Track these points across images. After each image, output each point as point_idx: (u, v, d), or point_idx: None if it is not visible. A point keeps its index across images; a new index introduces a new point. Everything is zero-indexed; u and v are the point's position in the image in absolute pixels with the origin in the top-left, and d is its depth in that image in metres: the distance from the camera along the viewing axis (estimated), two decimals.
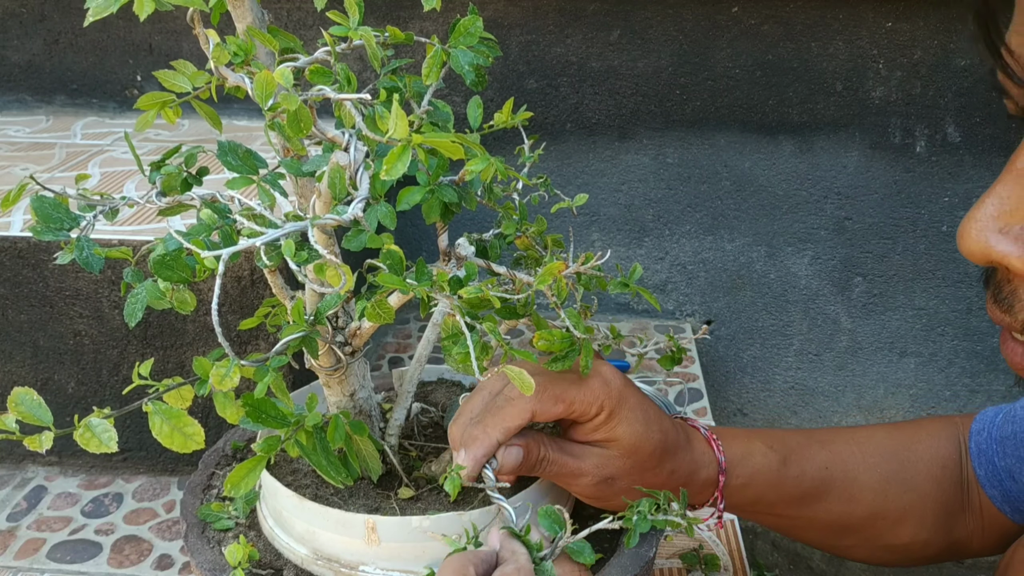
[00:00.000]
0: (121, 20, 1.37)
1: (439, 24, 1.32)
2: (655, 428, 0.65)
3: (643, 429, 0.64)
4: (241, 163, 0.55)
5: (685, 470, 0.67)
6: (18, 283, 0.94)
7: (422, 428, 0.76)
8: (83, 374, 0.97)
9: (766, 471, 0.71)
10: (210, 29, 0.52)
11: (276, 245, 0.49)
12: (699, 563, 0.85)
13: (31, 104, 1.43)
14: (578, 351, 0.60)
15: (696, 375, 1.24)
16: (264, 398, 0.54)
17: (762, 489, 0.71)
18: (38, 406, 0.50)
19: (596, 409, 0.63)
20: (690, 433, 0.69)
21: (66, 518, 0.94)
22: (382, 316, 0.54)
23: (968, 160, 1.34)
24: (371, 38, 0.55)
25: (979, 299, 1.41)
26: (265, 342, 0.93)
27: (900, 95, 1.31)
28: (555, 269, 0.57)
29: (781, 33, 1.29)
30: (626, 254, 1.43)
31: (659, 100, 1.34)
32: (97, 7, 0.48)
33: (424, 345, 0.71)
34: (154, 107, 0.55)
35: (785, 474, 0.71)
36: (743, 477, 0.69)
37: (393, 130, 0.46)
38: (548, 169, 1.38)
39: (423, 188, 0.56)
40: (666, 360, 0.66)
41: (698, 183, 1.38)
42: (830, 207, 1.38)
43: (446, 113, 0.61)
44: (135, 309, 0.57)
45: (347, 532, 0.63)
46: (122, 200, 0.58)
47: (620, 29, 1.31)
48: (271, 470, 0.69)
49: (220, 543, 0.69)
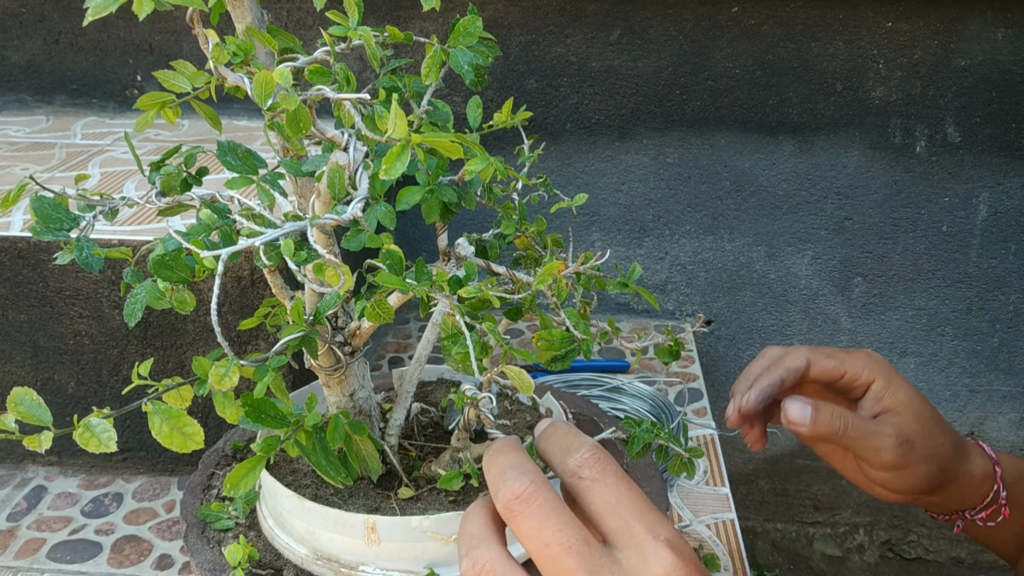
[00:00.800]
0: (121, 20, 1.37)
1: (439, 24, 1.32)
2: (924, 398, 0.68)
3: (918, 396, 0.67)
4: (241, 163, 0.55)
5: (962, 448, 0.69)
6: (18, 283, 0.94)
7: (422, 428, 0.76)
8: (83, 374, 0.97)
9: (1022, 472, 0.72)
10: (210, 29, 0.52)
11: (275, 245, 0.49)
12: None
13: (31, 104, 1.43)
14: (578, 351, 0.60)
15: (696, 375, 1.24)
16: (264, 398, 0.54)
17: (1019, 491, 0.72)
18: (38, 406, 0.50)
19: (869, 374, 0.66)
20: (954, 430, 0.71)
21: (66, 518, 0.94)
22: (382, 316, 0.54)
23: (968, 160, 1.34)
24: (370, 38, 0.55)
25: (979, 299, 1.41)
26: (265, 342, 0.93)
27: (900, 95, 1.31)
28: (555, 269, 0.57)
29: (781, 33, 1.29)
30: (626, 254, 1.43)
31: (659, 100, 1.34)
32: (96, 7, 0.48)
33: (424, 345, 0.71)
34: (154, 107, 0.55)
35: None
36: (1012, 474, 0.71)
37: (392, 130, 0.46)
38: (548, 169, 1.38)
39: (423, 188, 0.56)
40: (664, 352, 0.66)
41: (698, 183, 1.38)
42: (830, 207, 1.38)
43: (446, 113, 0.61)
44: (135, 309, 0.57)
45: (347, 532, 0.63)
46: (122, 200, 0.58)
47: (620, 29, 1.31)
48: (271, 470, 0.69)
49: (220, 543, 0.69)
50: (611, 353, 1.25)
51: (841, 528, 1.60)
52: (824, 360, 0.67)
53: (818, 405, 0.64)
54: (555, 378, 1.13)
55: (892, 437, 0.65)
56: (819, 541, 1.61)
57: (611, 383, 1.13)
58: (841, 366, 0.67)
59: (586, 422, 0.82)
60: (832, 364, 0.67)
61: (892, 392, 0.66)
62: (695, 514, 0.93)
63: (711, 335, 1.47)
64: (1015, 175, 1.34)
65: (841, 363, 0.67)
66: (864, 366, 0.67)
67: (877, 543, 1.60)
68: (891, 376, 0.67)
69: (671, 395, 1.18)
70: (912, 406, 0.66)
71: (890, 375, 0.67)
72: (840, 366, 0.67)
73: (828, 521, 1.61)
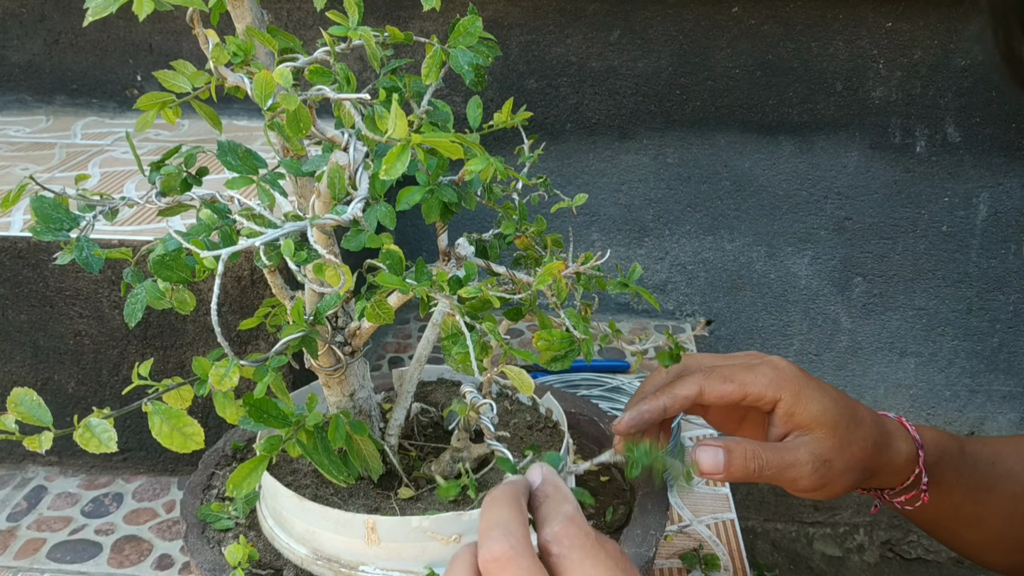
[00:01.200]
0: (121, 20, 1.37)
1: (439, 24, 1.32)
2: (842, 402, 0.64)
3: (832, 404, 0.63)
4: (241, 163, 0.55)
5: (884, 441, 0.66)
6: (18, 283, 0.94)
7: (422, 428, 0.76)
8: (83, 374, 0.97)
9: (949, 453, 0.69)
10: (210, 29, 0.52)
11: (275, 245, 0.49)
12: (699, 563, 0.85)
13: (31, 104, 1.43)
14: (578, 351, 0.60)
15: None
16: (264, 398, 0.54)
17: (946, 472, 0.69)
18: (38, 406, 0.50)
19: (773, 393, 0.63)
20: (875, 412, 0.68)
21: (66, 518, 0.94)
22: (382, 316, 0.54)
23: (968, 160, 1.34)
24: (370, 38, 0.55)
25: (979, 299, 1.41)
26: (265, 342, 0.93)
27: (900, 95, 1.31)
28: (555, 269, 0.57)
29: (781, 33, 1.29)
30: (626, 254, 1.43)
31: (659, 100, 1.34)
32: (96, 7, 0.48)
33: (424, 345, 0.71)
34: (154, 107, 0.55)
35: (963, 460, 0.70)
36: (934, 455, 0.68)
37: (392, 130, 0.46)
38: (548, 169, 1.38)
39: (423, 188, 0.56)
40: (665, 356, 0.66)
41: (698, 183, 1.38)
42: (830, 207, 1.38)
43: (446, 113, 0.61)
44: (135, 309, 0.57)
45: (347, 532, 0.63)
46: (122, 200, 0.58)
47: (620, 29, 1.31)
48: (271, 470, 0.69)
49: (220, 543, 0.69)
50: (611, 353, 1.25)
51: (841, 528, 1.60)
52: (719, 386, 0.64)
53: (730, 447, 0.61)
54: (555, 378, 1.13)
55: (808, 464, 0.62)
56: (819, 541, 1.61)
57: (611, 383, 1.13)
58: (741, 389, 0.64)
59: (586, 422, 0.82)
60: (729, 389, 0.63)
61: (802, 408, 0.63)
62: (695, 514, 0.93)
63: (711, 335, 1.47)
64: (1015, 175, 1.34)
65: (741, 386, 0.63)
66: (768, 384, 0.63)
67: (877, 543, 1.60)
68: (800, 390, 0.63)
69: None
70: (826, 420, 0.63)
71: (799, 389, 0.63)
72: (740, 389, 0.64)
73: (828, 521, 1.61)
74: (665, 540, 0.88)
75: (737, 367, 0.65)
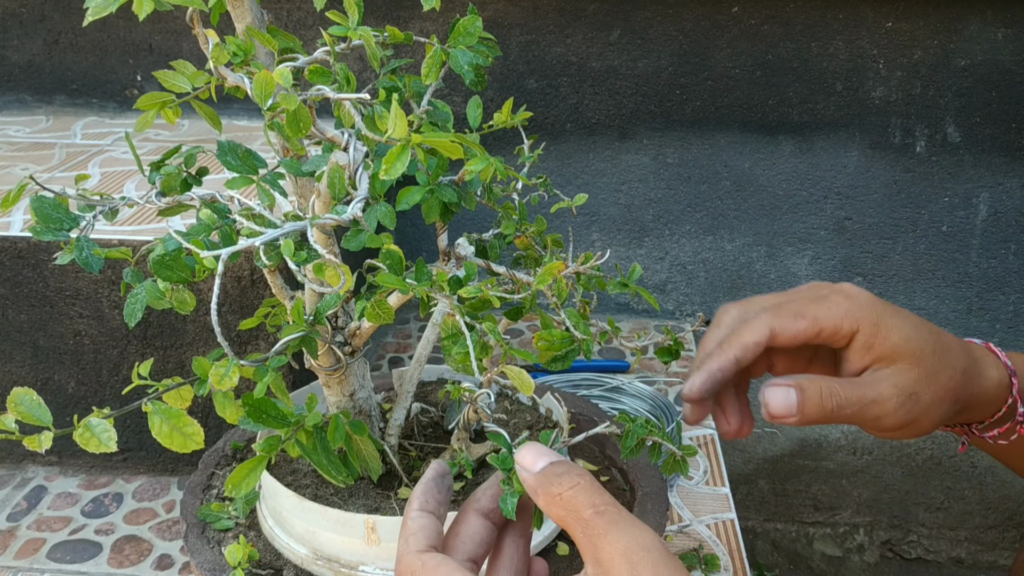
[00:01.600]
0: (121, 20, 1.37)
1: (439, 24, 1.32)
2: (924, 329, 0.58)
3: (915, 331, 0.57)
4: (241, 163, 0.55)
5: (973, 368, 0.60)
6: (18, 283, 0.94)
7: (422, 428, 0.76)
8: (83, 374, 0.97)
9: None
10: (209, 29, 0.52)
11: (275, 245, 0.49)
12: (699, 563, 0.85)
13: (31, 104, 1.43)
14: (578, 351, 0.60)
15: None
16: (264, 398, 0.54)
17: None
18: (38, 406, 0.50)
19: (850, 324, 0.56)
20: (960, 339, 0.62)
21: (66, 518, 0.94)
22: (382, 316, 0.54)
23: (968, 160, 1.34)
24: (370, 38, 0.55)
25: (979, 299, 1.41)
26: (265, 342, 0.93)
27: (900, 95, 1.31)
28: (555, 269, 0.57)
29: (781, 33, 1.29)
30: (626, 254, 1.43)
31: (659, 100, 1.34)
32: (96, 7, 0.48)
33: (424, 345, 0.71)
34: (154, 107, 0.55)
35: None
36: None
37: (392, 130, 0.46)
38: (548, 169, 1.38)
39: (423, 188, 0.56)
40: (664, 352, 0.66)
41: (698, 183, 1.38)
42: (830, 207, 1.38)
43: (446, 113, 0.61)
44: (135, 309, 0.57)
45: (347, 532, 0.63)
46: (122, 200, 0.58)
47: (620, 29, 1.31)
48: (271, 470, 0.69)
49: (220, 543, 0.69)
50: (611, 353, 1.25)
51: (841, 528, 1.60)
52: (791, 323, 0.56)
53: (802, 386, 0.54)
54: (555, 378, 1.13)
55: (893, 399, 0.55)
56: (819, 541, 1.61)
57: (611, 383, 1.13)
58: (815, 324, 0.56)
59: (586, 422, 0.82)
60: (803, 326, 0.56)
61: (882, 338, 0.56)
62: (695, 514, 0.93)
63: None
64: (1015, 175, 1.34)
65: (814, 321, 0.56)
66: (844, 316, 0.56)
67: (877, 543, 1.60)
68: (879, 318, 0.56)
69: (671, 395, 1.18)
70: (909, 349, 0.56)
71: (878, 317, 0.56)
72: (813, 325, 0.56)
73: (828, 521, 1.60)
74: (665, 540, 0.88)
75: (805, 300, 0.57)
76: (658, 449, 0.60)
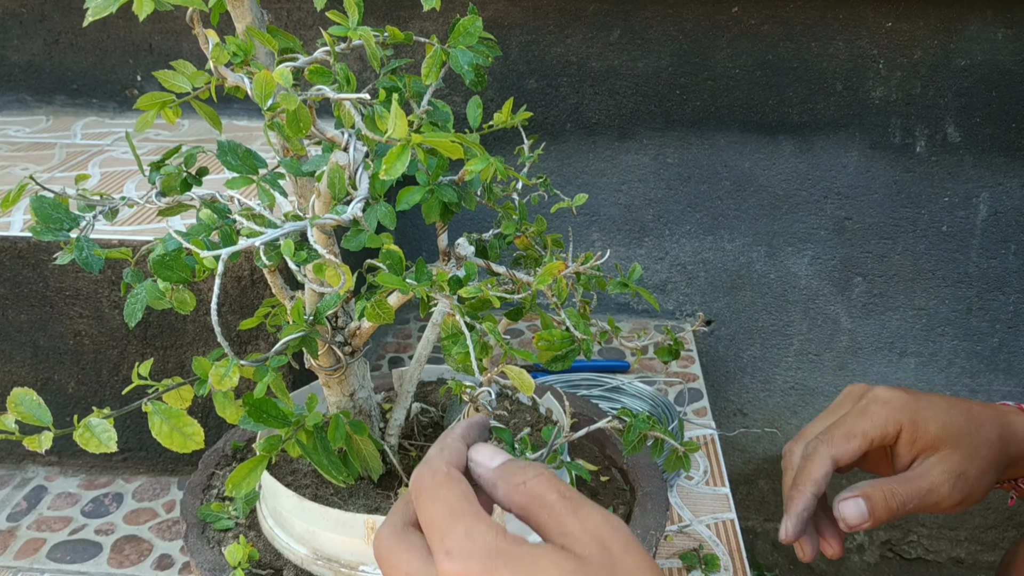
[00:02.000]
0: (121, 20, 1.37)
1: (439, 24, 1.32)
2: (956, 411, 0.65)
3: (948, 417, 0.64)
4: (241, 163, 0.55)
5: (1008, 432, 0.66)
6: (18, 283, 0.94)
7: (422, 428, 0.76)
8: (83, 374, 0.97)
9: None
10: (210, 29, 0.52)
11: (275, 245, 0.49)
12: (699, 563, 0.85)
13: (31, 104, 1.43)
14: (578, 351, 0.60)
15: (696, 375, 1.24)
16: (264, 398, 0.54)
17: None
18: (38, 406, 0.50)
19: (893, 428, 0.64)
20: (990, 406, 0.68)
21: (66, 518, 0.94)
22: (382, 316, 0.54)
23: (968, 160, 1.34)
24: (370, 38, 0.55)
25: (979, 299, 1.41)
26: (265, 342, 0.93)
27: (900, 95, 1.31)
28: (555, 269, 0.57)
29: (781, 33, 1.29)
30: (626, 254, 1.43)
31: (659, 100, 1.34)
32: (97, 7, 0.48)
33: (424, 345, 0.71)
34: (154, 107, 0.55)
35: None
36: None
37: (392, 130, 0.46)
38: (548, 169, 1.38)
39: (423, 188, 0.56)
40: (664, 351, 0.66)
41: (698, 183, 1.38)
42: (830, 207, 1.38)
43: (446, 113, 0.61)
44: (135, 309, 0.57)
45: (347, 532, 0.63)
46: (122, 200, 0.58)
47: (620, 29, 1.31)
48: (271, 470, 0.69)
49: (220, 543, 0.69)
50: (611, 353, 1.25)
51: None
52: (846, 446, 0.64)
53: (868, 494, 0.62)
54: (555, 378, 1.13)
55: (945, 484, 0.62)
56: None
57: (611, 383, 1.13)
58: (865, 440, 0.64)
59: (586, 422, 0.81)
60: (856, 445, 0.64)
61: (922, 432, 0.63)
62: (695, 514, 0.93)
63: (711, 335, 1.47)
64: (1015, 175, 1.34)
65: (864, 438, 0.64)
66: (885, 422, 0.64)
67: (877, 543, 1.60)
68: (915, 415, 0.64)
69: (671, 395, 1.18)
70: (948, 435, 0.63)
71: (914, 415, 0.64)
72: (864, 442, 0.64)
73: None
74: (665, 540, 0.88)
75: (850, 418, 0.65)
76: (660, 445, 0.61)
